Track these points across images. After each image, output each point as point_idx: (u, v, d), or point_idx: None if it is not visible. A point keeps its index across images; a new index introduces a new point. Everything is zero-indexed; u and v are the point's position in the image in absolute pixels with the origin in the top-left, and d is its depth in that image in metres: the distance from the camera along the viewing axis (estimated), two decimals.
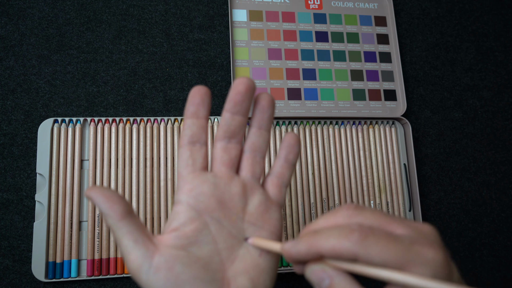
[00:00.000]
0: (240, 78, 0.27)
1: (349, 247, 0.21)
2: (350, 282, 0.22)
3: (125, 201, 0.26)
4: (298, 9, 0.60)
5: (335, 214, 0.24)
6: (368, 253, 0.21)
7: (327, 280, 0.23)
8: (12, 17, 0.53)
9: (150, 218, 0.49)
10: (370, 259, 0.21)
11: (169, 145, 0.51)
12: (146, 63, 0.55)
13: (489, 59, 0.65)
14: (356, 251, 0.21)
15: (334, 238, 0.22)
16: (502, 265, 0.56)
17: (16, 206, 0.48)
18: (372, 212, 0.23)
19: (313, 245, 0.22)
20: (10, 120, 0.50)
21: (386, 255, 0.21)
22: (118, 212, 0.25)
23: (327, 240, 0.22)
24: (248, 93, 0.28)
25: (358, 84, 0.58)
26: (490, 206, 0.58)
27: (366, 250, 0.21)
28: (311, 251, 0.23)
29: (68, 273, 0.46)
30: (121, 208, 0.25)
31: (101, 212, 0.25)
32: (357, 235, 0.21)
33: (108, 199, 0.25)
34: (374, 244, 0.21)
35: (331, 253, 0.22)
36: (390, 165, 0.56)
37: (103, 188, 0.26)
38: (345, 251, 0.21)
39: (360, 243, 0.21)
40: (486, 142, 0.61)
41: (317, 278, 0.23)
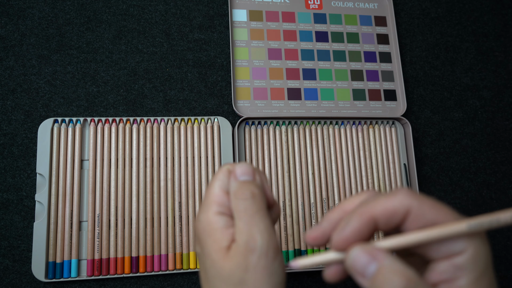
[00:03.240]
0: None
1: (402, 200, 0.20)
2: (402, 264, 0.20)
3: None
4: (298, 9, 0.60)
5: (360, 196, 0.23)
6: (421, 205, 0.20)
7: (374, 265, 0.20)
8: (12, 17, 0.53)
9: (150, 218, 0.49)
10: (423, 212, 0.20)
11: (169, 145, 0.51)
12: (146, 63, 0.55)
13: (489, 59, 0.65)
14: (409, 203, 0.20)
15: (385, 199, 0.21)
16: (502, 265, 0.56)
17: (16, 206, 0.48)
18: None
19: (364, 213, 0.21)
20: (10, 120, 0.50)
21: (438, 210, 0.20)
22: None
23: (377, 203, 0.21)
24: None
25: (358, 84, 0.58)
26: (490, 206, 0.58)
27: (420, 202, 0.20)
28: (365, 220, 0.21)
29: (68, 273, 0.46)
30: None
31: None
32: (406, 191, 0.21)
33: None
34: (426, 198, 0.20)
35: (385, 213, 0.20)
36: (390, 165, 0.56)
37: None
38: (399, 205, 0.20)
39: (412, 195, 0.20)
40: (486, 142, 0.61)
41: (361, 263, 0.20)
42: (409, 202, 0.20)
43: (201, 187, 0.51)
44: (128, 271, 0.47)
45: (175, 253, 0.48)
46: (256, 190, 0.25)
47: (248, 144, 0.53)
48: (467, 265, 0.19)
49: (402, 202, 0.20)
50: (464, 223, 0.19)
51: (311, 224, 0.52)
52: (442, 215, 0.20)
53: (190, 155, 0.51)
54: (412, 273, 0.19)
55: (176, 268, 0.48)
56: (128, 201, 0.49)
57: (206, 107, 0.55)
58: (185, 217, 0.49)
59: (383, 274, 0.19)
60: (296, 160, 0.53)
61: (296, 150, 0.54)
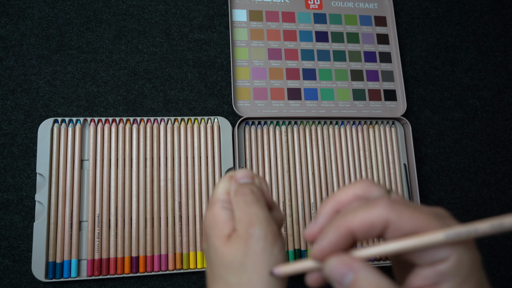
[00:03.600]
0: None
1: (380, 213, 0.20)
2: (378, 275, 0.20)
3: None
4: (298, 9, 0.60)
5: (353, 186, 0.23)
6: (400, 217, 0.20)
7: (350, 275, 0.20)
8: (12, 17, 0.53)
9: (150, 218, 0.49)
10: (402, 224, 0.20)
11: (169, 145, 0.51)
12: (146, 63, 0.55)
13: (489, 59, 0.65)
14: (387, 216, 0.20)
15: (362, 211, 0.21)
16: (502, 265, 0.56)
17: (16, 206, 0.48)
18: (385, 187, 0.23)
19: (342, 226, 0.21)
20: (10, 120, 0.50)
21: (417, 220, 0.20)
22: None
23: (355, 215, 0.21)
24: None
25: (358, 84, 0.58)
26: (490, 206, 0.58)
27: (398, 213, 0.20)
28: (342, 234, 0.21)
29: (68, 273, 0.46)
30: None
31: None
32: (385, 202, 0.20)
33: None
34: (405, 208, 0.20)
35: (362, 226, 0.20)
36: (390, 165, 0.56)
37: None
38: (377, 218, 0.20)
39: (390, 207, 0.20)
40: (486, 142, 0.61)
41: (338, 273, 0.20)
42: (387, 214, 0.20)
43: (201, 187, 0.51)
44: (128, 271, 0.47)
45: (175, 253, 0.48)
46: (255, 188, 0.26)
47: (248, 144, 0.53)
48: (450, 272, 0.19)
49: (380, 215, 0.20)
50: (442, 233, 0.19)
51: None
52: (422, 224, 0.20)
53: (190, 155, 0.51)
54: (385, 284, 0.19)
55: (176, 268, 0.48)
56: (128, 201, 0.49)
57: (206, 107, 0.55)
58: (185, 217, 0.49)
59: (357, 285, 0.20)
60: (296, 160, 0.53)
61: (296, 150, 0.54)
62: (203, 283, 0.50)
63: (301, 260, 0.23)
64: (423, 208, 0.21)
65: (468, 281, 0.19)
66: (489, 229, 0.19)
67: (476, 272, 0.20)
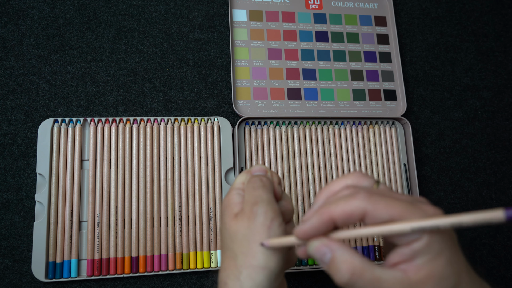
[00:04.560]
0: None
1: (358, 204, 0.23)
2: (351, 253, 0.23)
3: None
4: (298, 9, 0.60)
5: (345, 177, 0.26)
6: (375, 208, 0.23)
7: (328, 254, 0.24)
8: (12, 17, 0.53)
9: (150, 218, 0.49)
10: (377, 214, 0.23)
11: (169, 145, 0.51)
12: (146, 63, 0.55)
13: (489, 59, 0.65)
14: (364, 207, 0.23)
15: (343, 201, 0.24)
16: (502, 265, 0.56)
17: (16, 206, 0.48)
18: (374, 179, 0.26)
19: (324, 213, 0.24)
20: (10, 120, 0.50)
21: (392, 209, 0.22)
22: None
23: (337, 205, 0.24)
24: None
25: (358, 84, 0.58)
26: (490, 206, 0.58)
27: (374, 205, 0.23)
28: (324, 219, 0.24)
29: (68, 273, 0.46)
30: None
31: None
32: (364, 194, 0.23)
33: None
34: (380, 199, 0.23)
35: (342, 215, 0.23)
36: (390, 165, 0.56)
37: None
38: (355, 209, 0.23)
39: (368, 199, 0.23)
40: (486, 142, 0.61)
41: (319, 253, 0.24)
42: (364, 205, 0.23)
43: (201, 187, 0.51)
44: (128, 271, 0.47)
45: (175, 253, 0.48)
46: (264, 178, 0.31)
47: (248, 144, 0.53)
48: (422, 249, 0.22)
49: (358, 206, 0.23)
50: (408, 225, 0.22)
51: None
52: (396, 212, 0.22)
53: (190, 155, 0.51)
54: (358, 261, 0.23)
55: (176, 268, 0.48)
56: (128, 201, 0.49)
57: (206, 107, 0.55)
58: (185, 217, 0.49)
59: (334, 263, 0.23)
60: (296, 160, 0.53)
61: (296, 150, 0.54)
62: (203, 283, 0.50)
63: (287, 236, 0.27)
64: (401, 197, 0.24)
65: (439, 257, 0.22)
66: (450, 226, 0.21)
67: (447, 249, 0.23)
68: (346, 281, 0.23)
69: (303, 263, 0.50)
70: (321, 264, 0.25)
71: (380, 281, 0.22)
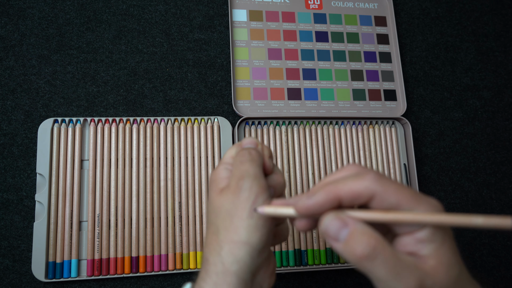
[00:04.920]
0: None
1: (368, 185, 0.22)
2: (371, 228, 0.22)
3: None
4: (298, 9, 0.60)
5: (344, 169, 0.25)
6: (385, 191, 0.22)
7: (345, 230, 0.22)
8: (12, 17, 0.53)
9: (150, 218, 0.49)
10: (386, 197, 0.22)
11: (169, 145, 0.51)
12: (146, 63, 0.55)
13: (489, 59, 0.65)
14: (374, 188, 0.22)
15: (352, 181, 0.23)
16: (502, 265, 0.56)
17: (16, 206, 0.48)
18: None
19: (331, 191, 0.23)
20: (10, 120, 0.50)
21: (401, 195, 0.22)
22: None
23: (345, 184, 0.23)
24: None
25: (358, 84, 0.58)
26: (490, 206, 0.58)
27: (384, 187, 0.22)
28: (330, 197, 0.23)
29: (68, 273, 0.46)
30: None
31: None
32: (373, 175, 0.22)
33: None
34: (390, 183, 0.22)
35: (350, 195, 0.22)
36: (390, 165, 0.56)
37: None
38: (364, 189, 0.22)
39: (377, 180, 0.22)
40: (486, 142, 0.61)
41: (335, 228, 0.22)
42: (374, 187, 0.22)
43: (201, 187, 0.51)
44: (128, 271, 0.47)
45: (175, 253, 0.48)
46: (253, 152, 0.29)
47: None
48: (427, 238, 0.22)
49: (367, 187, 0.22)
50: (429, 217, 0.21)
51: None
52: (404, 199, 0.22)
53: (190, 155, 0.51)
54: (379, 236, 0.22)
55: (176, 268, 0.48)
56: (128, 201, 0.49)
57: (206, 107, 0.55)
58: (185, 217, 0.49)
59: (354, 236, 0.22)
60: (296, 160, 0.53)
61: (296, 150, 0.54)
62: None
63: (283, 207, 0.25)
64: (406, 187, 0.23)
65: (443, 245, 0.22)
66: (464, 225, 0.21)
67: (449, 238, 0.22)
68: (368, 253, 0.21)
69: (303, 263, 0.50)
70: (333, 244, 0.23)
71: (400, 260, 0.21)
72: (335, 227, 0.23)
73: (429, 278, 0.21)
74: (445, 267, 0.22)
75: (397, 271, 0.21)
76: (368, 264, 0.21)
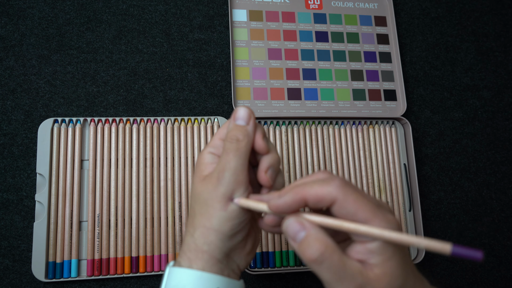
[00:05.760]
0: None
1: (331, 191, 0.24)
2: (325, 234, 0.25)
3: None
4: (298, 9, 0.60)
5: (315, 174, 0.28)
6: (346, 199, 0.24)
7: (302, 232, 0.25)
8: (12, 17, 0.53)
9: (150, 218, 0.49)
10: (346, 205, 0.24)
11: (169, 145, 0.51)
12: (146, 63, 0.55)
13: (489, 59, 0.65)
14: (336, 195, 0.24)
15: (318, 185, 0.25)
16: (502, 265, 0.56)
17: (16, 206, 0.48)
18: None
19: (299, 193, 0.25)
20: (10, 120, 0.50)
21: (359, 205, 0.24)
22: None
23: (311, 187, 0.25)
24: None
25: (358, 84, 0.58)
26: (490, 206, 0.58)
27: (345, 195, 0.24)
28: (297, 198, 0.25)
29: (68, 273, 0.46)
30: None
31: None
32: (338, 182, 0.25)
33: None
34: (352, 192, 0.24)
35: (314, 198, 0.25)
36: (390, 165, 0.56)
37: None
38: (327, 194, 0.24)
39: (341, 188, 0.24)
40: (486, 142, 0.61)
41: (293, 230, 0.25)
42: (335, 194, 0.24)
43: None
44: (128, 271, 0.47)
45: (175, 253, 0.48)
46: (241, 136, 0.29)
47: None
48: (377, 250, 0.24)
49: (330, 193, 0.24)
50: (378, 231, 0.23)
51: None
52: (361, 210, 0.24)
53: (190, 155, 0.51)
54: (330, 242, 0.24)
55: None
56: (128, 201, 0.49)
57: (206, 107, 0.55)
58: (185, 217, 0.49)
59: (308, 240, 0.24)
60: (296, 160, 0.53)
61: (296, 150, 0.54)
62: None
63: (258, 202, 0.28)
64: (370, 198, 0.25)
65: (391, 259, 0.24)
66: (408, 245, 0.23)
67: (398, 253, 0.24)
68: (316, 258, 0.24)
69: (303, 263, 0.50)
70: (290, 242, 0.25)
71: (344, 267, 0.24)
72: (294, 228, 0.25)
73: (370, 285, 0.24)
74: (388, 278, 0.24)
75: (340, 276, 0.24)
76: (316, 266, 0.24)
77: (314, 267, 0.24)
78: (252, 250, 0.32)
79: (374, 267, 0.24)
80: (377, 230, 0.23)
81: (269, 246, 0.50)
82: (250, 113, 0.31)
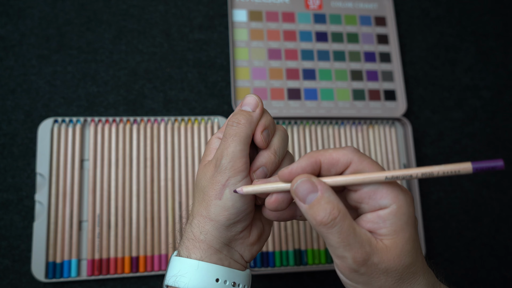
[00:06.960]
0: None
1: (346, 153, 0.25)
2: (338, 197, 0.24)
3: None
4: (298, 9, 0.60)
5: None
6: (361, 161, 0.24)
7: (314, 194, 0.24)
8: (12, 17, 0.54)
9: (150, 218, 0.49)
10: (361, 167, 0.24)
11: (169, 145, 0.51)
12: (146, 63, 0.55)
13: (489, 59, 0.65)
14: (352, 157, 0.24)
15: (332, 150, 0.25)
16: (502, 265, 0.56)
17: (16, 206, 0.48)
18: None
19: (313, 156, 0.25)
20: (10, 120, 0.50)
21: (375, 168, 0.24)
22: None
23: (326, 151, 0.25)
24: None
25: (358, 84, 0.58)
26: (490, 206, 0.58)
27: (360, 158, 0.25)
28: (311, 161, 0.25)
29: (68, 273, 0.46)
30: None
31: None
32: (352, 149, 0.25)
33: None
34: (366, 157, 0.25)
35: (329, 160, 0.25)
36: (390, 165, 0.56)
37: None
38: (343, 156, 0.25)
39: (356, 152, 0.25)
40: (486, 142, 0.61)
41: (305, 190, 0.24)
42: (351, 156, 0.25)
43: None
44: (128, 271, 0.47)
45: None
46: (243, 120, 0.28)
47: None
48: (389, 217, 0.24)
49: (346, 154, 0.25)
50: (383, 174, 0.24)
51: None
52: (376, 171, 0.24)
53: (190, 155, 0.51)
54: (343, 207, 0.24)
55: None
56: (128, 201, 0.49)
57: (206, 107, 0.55)
58: (185, 217, 0.49)
59: (320, 203, 0.23)
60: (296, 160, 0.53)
61: (296, 150, 0.54)
62: None
63: (266, 184, 0.27)
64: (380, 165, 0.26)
65: (402, 232, 0.24)
66: (421, 175, 0.23)
67: (409, 228, 0.24)
68: (326, 221, 0.23)
69: (303, 263, 0.50)
70: (299, 204, 0.24)
71: (354, 233, 0.23)
72: (305, 189, 0.24)
73: (378, 255, 0.23)
74: (398, 251, 0.23)
75: (349, 242, 0.23)
76: (325, 230, 0.23)
77: (323, 230, 0.23)
78: (258, 241, 0.31)
79: (384, 237, 0.24)
80: (383, 173, 0.23)
81: (269, 246, 0.50)
82: (258, 101, 0.29)
